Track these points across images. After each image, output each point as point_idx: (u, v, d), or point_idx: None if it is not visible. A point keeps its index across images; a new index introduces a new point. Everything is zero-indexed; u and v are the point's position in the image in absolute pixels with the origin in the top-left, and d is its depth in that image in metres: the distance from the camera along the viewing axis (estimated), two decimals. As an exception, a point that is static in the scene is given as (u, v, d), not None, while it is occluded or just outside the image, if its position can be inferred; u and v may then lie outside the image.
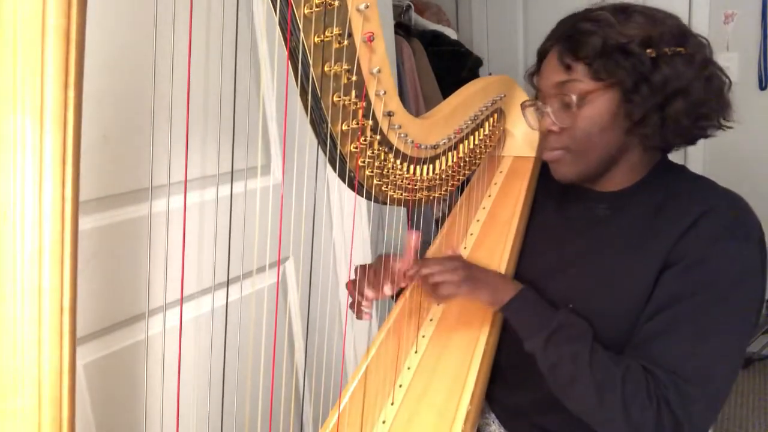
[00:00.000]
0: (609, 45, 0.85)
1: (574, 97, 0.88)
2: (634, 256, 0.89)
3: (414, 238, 0.98)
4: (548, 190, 1.11)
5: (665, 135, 0.88)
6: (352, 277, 1.00)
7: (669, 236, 0.85)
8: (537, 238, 1.06)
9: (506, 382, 1.01)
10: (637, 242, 0.89)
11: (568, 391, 0.85)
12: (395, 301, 1.06)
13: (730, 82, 0.90)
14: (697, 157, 2.59)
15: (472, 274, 0.90)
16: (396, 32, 2.00)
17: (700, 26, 2.52)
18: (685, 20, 0.90)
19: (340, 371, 0.97)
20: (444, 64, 2.33)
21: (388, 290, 0.96)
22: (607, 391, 0.80)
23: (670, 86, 0.84)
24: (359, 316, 0.97)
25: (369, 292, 0.96)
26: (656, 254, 0.86)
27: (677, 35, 0.86)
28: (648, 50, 0.84)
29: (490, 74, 2.82)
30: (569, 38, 0.89)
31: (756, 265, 0.84)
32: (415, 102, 2.10)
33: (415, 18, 2.35)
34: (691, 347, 0.80)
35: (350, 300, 0.99)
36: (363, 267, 0.98)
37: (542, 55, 0.96)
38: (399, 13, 2.21)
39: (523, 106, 1.07)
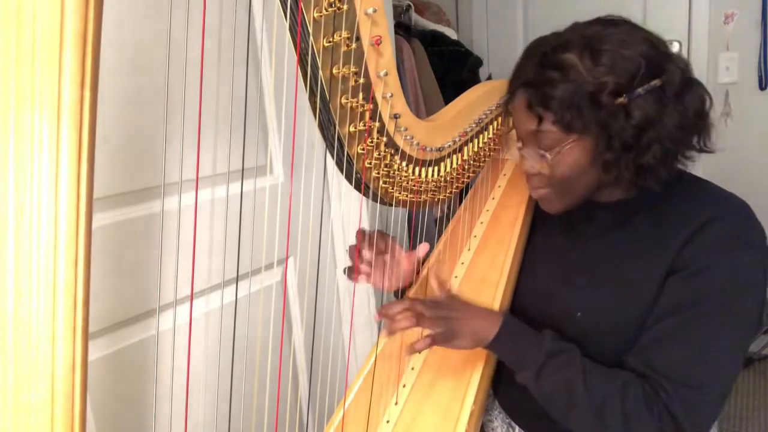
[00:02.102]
0: (578, 95, 0.81)
1: (547, 150, 0.86)
2: (639, 265, 0.89)
3: (423, 250, 0.99)
4: None
5: (641, 181, 0.87)
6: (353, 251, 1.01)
7: (673, 243, 0.85)
8: (542, 247, 1.06)
9: (510, 375, 1.01)
10: (642, 251, 0.89)
11: (567, 417, 0.85)
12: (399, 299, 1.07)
13: (711, 99, 0.87)
14: (696, 156, 2.59)
15: (449, 326, 0.85)
16: (396, 32, 2.01)
17: (700, 26, 2.51)
18: (685, 21, 0.88)
19: (345, 371, 0.98)
20: (444, 64, 2.33)
21: (389, 283, 0.98)
22: (607, 412, 0.80)
23: (644, 136, 0.81)
24: (350, 277, 0.98)
25: (368, 257, 0.97)
26: (661, 261, 0.86)
27: (650, 68, 0.81)
28: (619, 99, 0.80)
29: (490, 74, 2.84)
30: (536, 87, 0.84)
31: (759, 273, 0.84)
32: (415, 102, 2.10)
33: (415, 18, 2.35)
34: (695, 353, 0.81)
35: (349, 263, 1.00)
36: (364, 232, 0.99)
37: (511, 91, 0.93)
38: (399, 13, 2.22)
39: (505, 139, 1.06)
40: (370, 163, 0.82)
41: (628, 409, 0.79)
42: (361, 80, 0.75)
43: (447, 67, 2.34)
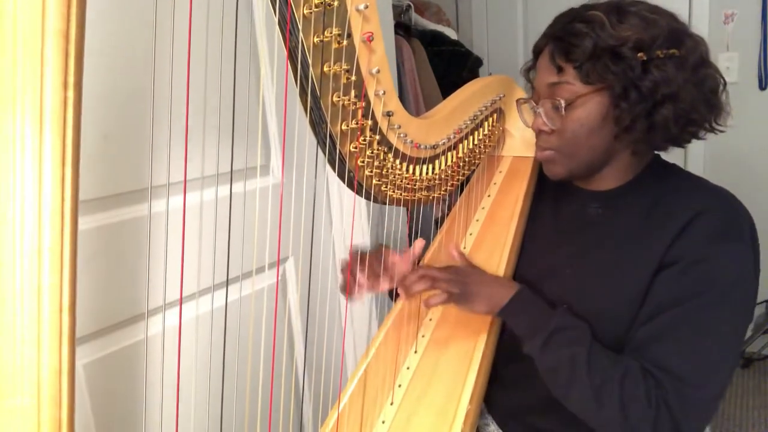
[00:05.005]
0: (600, 48, 0.85)
1: (563, 101, 0.89)
2: (628, 256, 0.89)
3: (419, 245, 0.99)
4: (543, 192, 1.12)
5: (653, 140, 0.89)
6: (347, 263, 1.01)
7: (663, 236, 0.86)
8: (533, 239, 1.07)
9: (504, 384, 1.01)
10: (631, 242, 0.90)
11: (566, 394, 0.85)
12: (394, 300, 1.07)
13: (725, 82, 0.90)
14: (697, 156, 2.59)
15: (465, 288, 0.90)
16: (396, 32, 2.00)
17: (700, 26, 2.51)
18: (685, 20, 0.90)
19: (339, 371, 0.97)
20: (444, 64, 2.33)
21: (385, 285, 0.98)
22: (605, 394, 0.80)
23: (659, 92, 0.84)
24: (347, 297, 0.99)
25: (362, 278, 0.98)
26: (651, 254, 0.86)
27: (671, 36, 0.85)
28: (639, 54, 0.84)
29: (490, 74, 2.83)
30: (561, 39, 0.89)
31: (749, 265, 0.85)
32: (415, 102, 2.10)
33: (415, 18, 2.35)
34: (691, 350, 0.81)
35: (342, 281, 1.00)
36: (357, 251, 1.00)
37: (537, 51, 0.97)
38: (399, 13, 2.21)
39: (518, 103, 1.10)
40: (363, 162, 0.81)
41: (627, 396, 0.79)
42: (353, 78, 0.74)
43: (447, 67, 2.34)
